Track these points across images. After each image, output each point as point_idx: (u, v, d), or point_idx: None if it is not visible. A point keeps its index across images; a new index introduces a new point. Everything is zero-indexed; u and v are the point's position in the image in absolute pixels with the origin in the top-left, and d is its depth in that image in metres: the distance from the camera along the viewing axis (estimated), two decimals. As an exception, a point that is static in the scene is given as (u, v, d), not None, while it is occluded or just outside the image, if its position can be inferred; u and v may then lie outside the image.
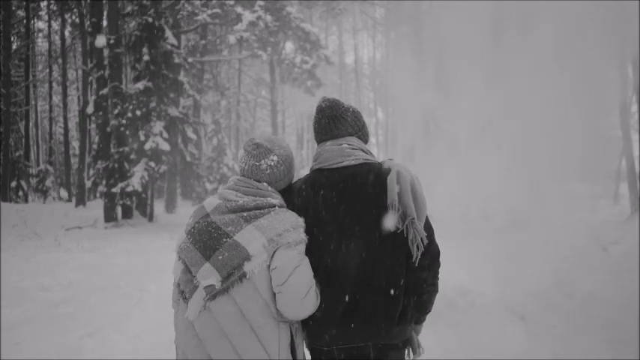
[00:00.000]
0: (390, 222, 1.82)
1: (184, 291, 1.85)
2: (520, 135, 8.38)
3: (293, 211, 1.91)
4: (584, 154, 8.24)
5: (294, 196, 1.98)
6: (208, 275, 1.78)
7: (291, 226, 1.83)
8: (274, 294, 1.81)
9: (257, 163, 1.93)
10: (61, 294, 6.54)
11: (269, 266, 1.79)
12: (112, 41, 14.77)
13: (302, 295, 1.78)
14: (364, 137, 2.05)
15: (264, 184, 1.93)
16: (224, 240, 1.78)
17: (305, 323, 1.93)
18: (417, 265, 1.85)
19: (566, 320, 5.15)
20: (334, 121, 1.99)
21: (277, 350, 1.80)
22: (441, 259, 1.96)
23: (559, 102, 7.92)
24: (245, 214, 1.82)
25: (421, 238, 1.83)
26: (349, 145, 1.96)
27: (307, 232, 1.88)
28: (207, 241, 1.81)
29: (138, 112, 13.44)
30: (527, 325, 5.14)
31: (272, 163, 1.93)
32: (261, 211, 1.84)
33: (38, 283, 7.08)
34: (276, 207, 1.88)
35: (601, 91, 8.61)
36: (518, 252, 8.12)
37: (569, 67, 7.95)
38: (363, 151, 1.97)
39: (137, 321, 5.29)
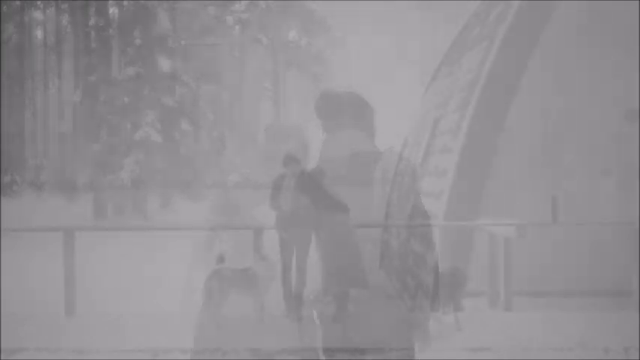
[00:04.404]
0: (377, 204, 1.62)
1: None
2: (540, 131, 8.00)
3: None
4: (607, 147, 7.90)
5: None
6: None
7: None
8: None
9: (279, 146, 1.69)
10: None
11: None
12: (100, 24, 13.91)
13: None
14: (368, 124, 1.93)
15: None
16: None
17: None
18: (409, 247, 2.02)
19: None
20: (335, 111, 1.97)
21: None
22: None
23: (580, 93, 7.68)
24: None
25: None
26: (348, 134, 1.90)
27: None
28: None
29: (126, 100, 12.71)
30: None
31: (290, 146, 1.81)
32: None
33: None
34: None
35: (625, 80, 8.20)
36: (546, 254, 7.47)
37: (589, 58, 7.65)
38: (363, 140, 1.84)
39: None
